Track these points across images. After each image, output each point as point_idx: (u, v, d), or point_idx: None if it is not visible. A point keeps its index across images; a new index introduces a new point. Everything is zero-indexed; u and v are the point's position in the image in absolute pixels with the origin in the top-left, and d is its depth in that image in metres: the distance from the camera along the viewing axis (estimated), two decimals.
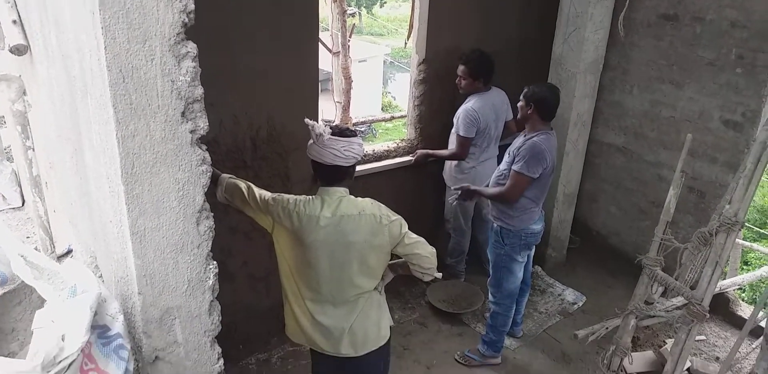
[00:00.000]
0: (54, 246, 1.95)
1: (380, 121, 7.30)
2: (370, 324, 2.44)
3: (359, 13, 23.13)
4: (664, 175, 4.23)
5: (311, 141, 2.26)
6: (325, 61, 5.05)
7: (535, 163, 3.08)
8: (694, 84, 3.92)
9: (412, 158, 4.10)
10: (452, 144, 3.97)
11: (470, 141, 3.86)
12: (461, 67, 3.80)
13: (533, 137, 3.13)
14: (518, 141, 3.25)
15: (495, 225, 3.38)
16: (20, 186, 2.35)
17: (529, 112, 3.14)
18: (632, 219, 4.53)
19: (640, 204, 4.46)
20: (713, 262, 2.61)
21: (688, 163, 3.90)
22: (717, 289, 3.03)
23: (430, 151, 4.07)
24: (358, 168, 3.65)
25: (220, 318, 1.61)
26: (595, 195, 4.78)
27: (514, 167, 3.13)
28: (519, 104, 3.20)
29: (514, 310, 3.57)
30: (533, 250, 3.51)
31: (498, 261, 3.40)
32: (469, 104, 3.82)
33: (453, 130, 3.91)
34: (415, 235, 2.38)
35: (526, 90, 3.17)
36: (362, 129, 13.93)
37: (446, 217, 4.26)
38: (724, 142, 3.84)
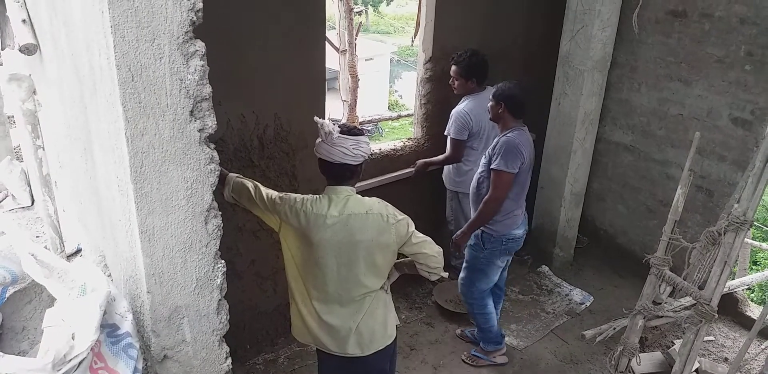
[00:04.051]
0: (63, 246, 1.96)
1: (387, 119, 7.32)
2: (377, 323, 2.45)
3: (366, 11, 23.09)
4: (672, 174, 4.20)
5: (320, 139, 2.27)
6: (332, 60, 5.07)
7: (513, 158, 3.07)
8: (703, 81, 3.89)
9: (412, 169, 4.01)
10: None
11: (463, 143, 3.83)
12: (453, 68, 3.77)
13: (506, 134, 3.14)
14: (493, 143, 3.24)
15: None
16: (29, 185, 2.36)
17: (499, 110, 3.15)
18: (640, 218, 4.51)
19: (648, 203, 4.44)
20: (722, 262, 2.59)
21: (697, 161, 3.88)
22: (726, 289, 3.01)
23: (429, 160, 4.01)
24: (365, 182, 3.63)
25: (228, 317, 1.61)
26: (602, 194, 4.76)
27: (493, 166, 3.11)
28: (489, 104, 3.20)
29: (490, 307, 3.50)
30: (512, 256, 3.47)
31: (474, 264, 3.36)
32: (461, 106, 3.80)
33: (445, 132, 3.88)
34: (421, 235, 2.38)
35: (494, 90, 3.19)
36: (369, 128, 13.92)
37: (448, 219, 4.24)
38: (732, 140, 3.82)
